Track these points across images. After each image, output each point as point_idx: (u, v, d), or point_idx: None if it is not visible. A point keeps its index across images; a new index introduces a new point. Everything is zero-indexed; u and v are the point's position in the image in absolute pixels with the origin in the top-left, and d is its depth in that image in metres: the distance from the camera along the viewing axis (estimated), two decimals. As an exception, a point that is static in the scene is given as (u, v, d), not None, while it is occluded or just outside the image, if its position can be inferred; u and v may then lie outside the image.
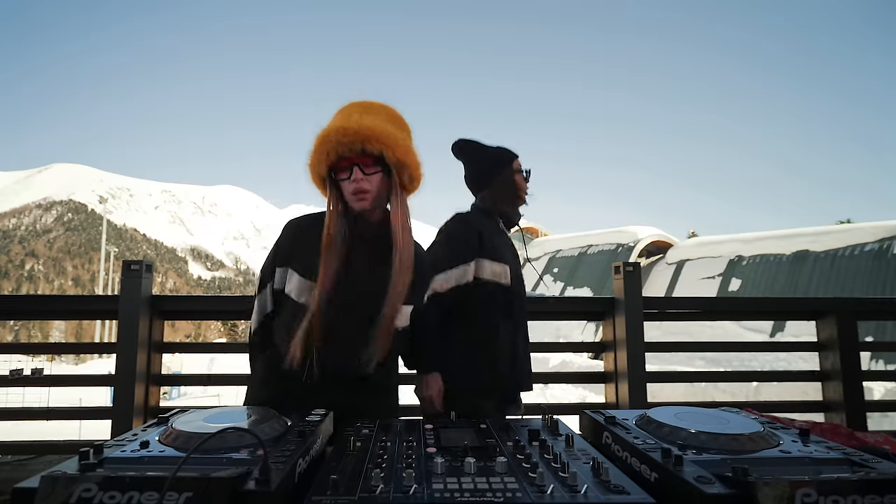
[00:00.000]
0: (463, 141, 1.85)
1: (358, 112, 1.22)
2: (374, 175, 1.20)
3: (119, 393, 2.02)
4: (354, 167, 1.18)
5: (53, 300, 2.47)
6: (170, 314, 2.24)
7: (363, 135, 1.16)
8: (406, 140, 1.25)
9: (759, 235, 19.26)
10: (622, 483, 0.65)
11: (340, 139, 1.16)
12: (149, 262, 2.14)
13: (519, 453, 0.76)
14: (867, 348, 2.52)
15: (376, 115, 1.23)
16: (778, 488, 0.56)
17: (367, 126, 1.17)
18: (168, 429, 0.80)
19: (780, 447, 0.76)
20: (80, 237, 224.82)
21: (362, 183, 1.18)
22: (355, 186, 1.19)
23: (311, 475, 0.70)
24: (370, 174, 1.19)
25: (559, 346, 2.29)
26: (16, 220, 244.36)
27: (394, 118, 1.27)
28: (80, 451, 0.67)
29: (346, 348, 1.21)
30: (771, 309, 2.85)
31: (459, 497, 0.60)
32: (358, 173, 1.18)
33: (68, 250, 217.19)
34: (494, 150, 1.83)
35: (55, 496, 0.56)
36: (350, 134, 1.16)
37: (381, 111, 1.26)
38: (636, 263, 2.27)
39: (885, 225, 16.10)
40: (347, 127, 1.16)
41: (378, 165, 1.20)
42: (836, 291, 15.40)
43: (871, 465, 0.68)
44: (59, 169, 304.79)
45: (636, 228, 21.93)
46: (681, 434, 0.79)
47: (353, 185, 1.19)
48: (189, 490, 0.55)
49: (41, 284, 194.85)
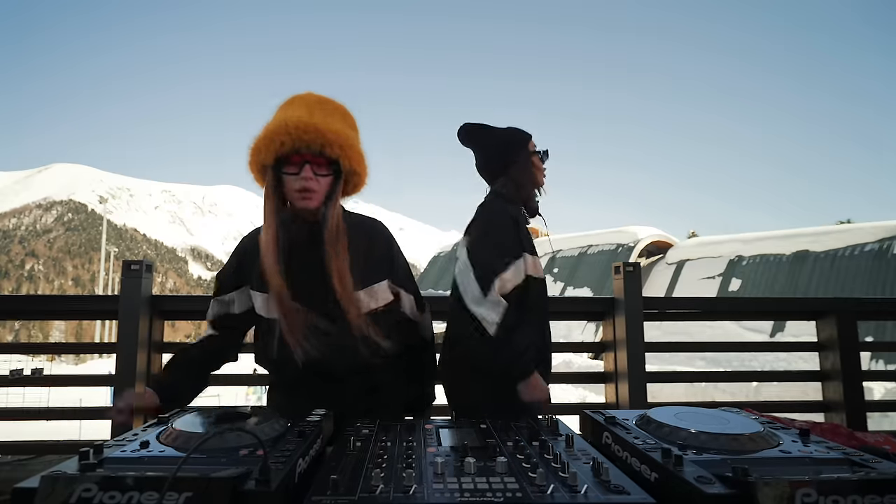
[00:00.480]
0: (470, 125, 1.72)
1: (320, 109, 1.18)
2: (324, 178, 1.17)
3: (119, 393, 2.02)
4: (306, 164, 1.14)
5: (53, 300, 2.47)
6: (170, 314, 2.24)
7: (325, 136, 1.13)
8: (360, 146, 1.22)
9: (759, 235, 19.26)
10: (622, 483, 0.65)
11: (301, 134, 1.12)
12: (149, 262, 2.14)
13: (519, 453, 0.76)
14: (867, 348, 2.52)
15: (335, 116, 1.20)
16: (778, 488, 0.56)
17: (331, 128, 1.14)
18: (168, 429, 0.80)
19: (780, 447, 0.76)
20: (80, 237, 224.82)
21: (311, 183, 1.15)
22: (303, 185, 1.15)
23: (311, 475, 0.70)
24: (320, 175, 1.16)
25: (559, 346, 2.29)
26: (16, 220, 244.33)
27: (350, 121, 1.25)
28: (80, 451, 0.67)
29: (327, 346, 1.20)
30: (771, 309, 2.85)
31: (459, 497, 0.60)
32: (309, 172, 1.14)
33: (68, 250, 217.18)
34: (506, 132, 1.69)
35: (55, 496, 0.56)
36: (312, 131, 1.12)
37: (339, 111, 1.23)
38: (636, 263, 2.27)
39: (885, 225, 16.10)
40: (310, 123, 1.12)
41: (330, 168, 1.18)
42: (836, 291, 15.40)
43: (871, 465, 0.68)
44: (59, 169, 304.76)
45: (636, 228, 21.93)
46: (681, 434, 0.79)
47: (300, 183, 1.15)
48: (189, 490, 0.55)
49: (41, 284, 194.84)
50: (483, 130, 1.71)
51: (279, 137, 1.12)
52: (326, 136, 1.13)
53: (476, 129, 1.72)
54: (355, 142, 1.20)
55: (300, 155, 1.14)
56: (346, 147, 1.16)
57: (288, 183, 1.17)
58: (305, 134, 1.12)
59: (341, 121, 1.20)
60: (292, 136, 1.12)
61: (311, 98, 1.22)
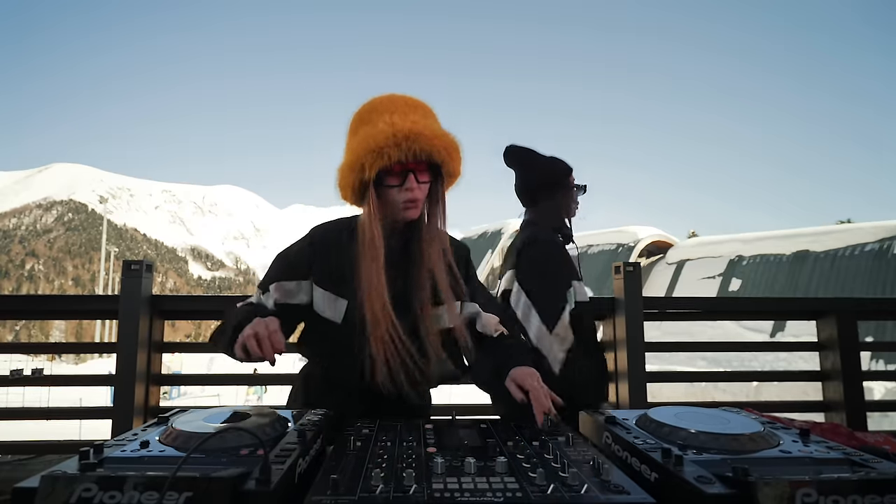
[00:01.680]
0: (516, 147, 1.79)
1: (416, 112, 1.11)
2: (425, 184, 1.11)
3: (119, 393, 2.02)
4: (409, 174, 1.08)
5: (53, 300, 2.47)
6: (170, 314, 2.24)
7: (432, 142, 1.06)
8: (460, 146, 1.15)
9: (759, 235, 19.26)
10: (622, 483, 0.65)
11: (411, 144, 1.04)
12: (149, 262, 2.14)
13: (519, 453, 0.76)
14: (867, 348, 2.52)
15: (430, 117, 1.12)
16: (778, 488, 0.56)
17: (437, 133, 1.08)
18: (168, 429, 0.80)
19: (780, 447, 0.76)
20: (81, 237, 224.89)
21: (417, 192, 1.09)
22: (409, 196, 1.08)
23: (311, 475, 0.70)
24: (423, 182, 1.10)
25: (559, 346, 2.28)
26: (16, 219, 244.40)
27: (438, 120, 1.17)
28: (80, 451, 0.67)
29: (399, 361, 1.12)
30: (771, 309, 2.85)
31: (459, 497, 0.60)
32: (412, 181, 1.08)
33: (68, 250, 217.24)
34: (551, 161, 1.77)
35: (55, 496, 0.56)
36: (421, 139, 1.05)
37: (430, 111, 1.15)
38: (636, 263, 2.27)
39: (885, 225, 16.10)
40: (416, 130, 1.05)
41: (430, 173, 1.12)
42: (836, 291, 15.40)
43: (872, 465, 0.68)
44: (59, 169, 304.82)
45: (636, 228, 21.93)
46: (681, 434, 0.79)
47: (406, 194, 1.08)
48: (189, 490, 0.55)
49: (41, 284, 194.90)
50: (529, 155, 1.78)
51: (387, 151, 1.04)
52: (433, 143, 1.06)
53: (522, 152, 1.79)
54: (456, 141, 1.13)
55: (402, 164, 1.07)
56: (452, 150, 1.11)
57: (389, 195, 1.10)
58: (414, 143, 1.05)
59: (436, 121, 1.14)
60: (401, 148, 1.04)
61: (400, 100, 1.13)
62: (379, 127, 1.06)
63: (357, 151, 1.07)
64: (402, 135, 1.04)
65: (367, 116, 1.11)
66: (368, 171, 1.06)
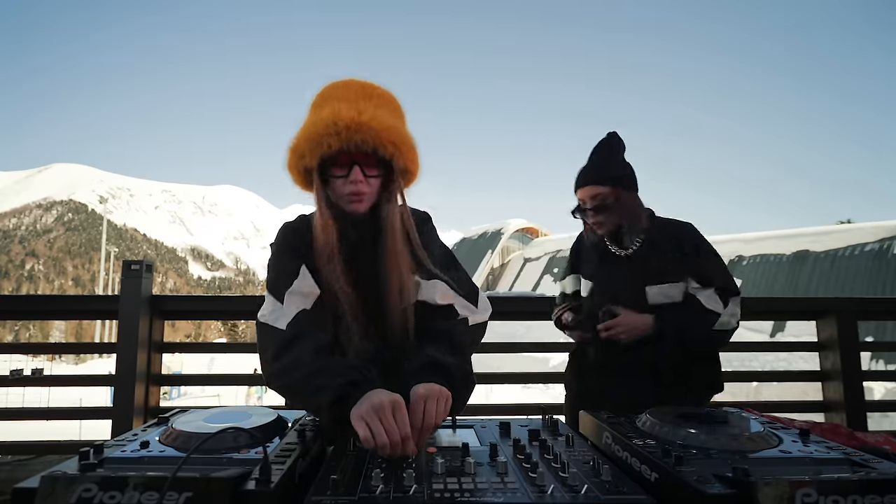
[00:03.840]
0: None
1: (367, 101, 1.04)
2: (374, 178, 1.06)
3: (119, 393, 2.02)
4: (355, 166, 1.03)
5: (53, 300, 2.47)
6: (170, 314, 2.24)
7: (379, 135, 1.01)
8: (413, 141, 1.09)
9: (759, 235, 19.27)
10: (622, 483, 0.65)
11: (352, 135, 0.99)
12: (149, 262, 2.14)
13: (519, 453, 0.76)
14: (867, 348, 2.52)
15: (385, 108, 1.06)
16: (778, 488, 0.56)
17: (384, 125, 1.02)
18: (168, 429, 0.80)
19: (780, 447, 0.76)
20: (81, 237, 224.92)
21: (361, 185, 1.04)
22: (353, 188, 1.04)
23: (311, 475, 0.70)
24: (370, 176, 1.05)
25: (559, 346, 2.29)
26: (16, 220, 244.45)
27: (399, 111, 1.11)
28: (80, 451, 0.67)
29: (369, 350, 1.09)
30: (771, 309, 2.85)
31: (459, 497, 0.60)
32: (358, 174, 1.03)
33: (68, 250, 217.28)
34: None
35: (55, 496, 0.56)
36: (363, 130, 0.99)
37: (387, 101, 1.09)
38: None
39: (885, 225, 16.11)
40: (361, 122, 0.99)
41: (380, 168, 1.06)
42: (836, 291, 15.40)
43: (872, 465, 0.68)
44: (59, 169, 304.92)
45: (636, 228, 21.88)
46: (681, 434, 0.79)
47: (350, 186, 1.04)
48: (189, 490, 0.55)
49: (41, 284, 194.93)
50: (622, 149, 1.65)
51: (326, 139, 1.00)
52: (380, 136, 1.01)
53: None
54: (408, 137, 1.07)
55: (349, 155, 1.02)
56: (401, 144, 1.04)
57: (335, 186, 1.06)
58: (356, 134, 0.99)
59: (392, 113, 1.07)
60: (341, 137, 0.99)
61: (355, 87, 1.07)
62: (323, 114, 1.02)
63: (300, 136, 1.04)
64: (342, 124, 0.99)
65: (319, 101, 1.08)
66: (308, 157, 1.03)
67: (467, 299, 1.12)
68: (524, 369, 2.47)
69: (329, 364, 0.92)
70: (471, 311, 1.12)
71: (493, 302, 1.24)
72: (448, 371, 0.92)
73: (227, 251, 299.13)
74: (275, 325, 1.01)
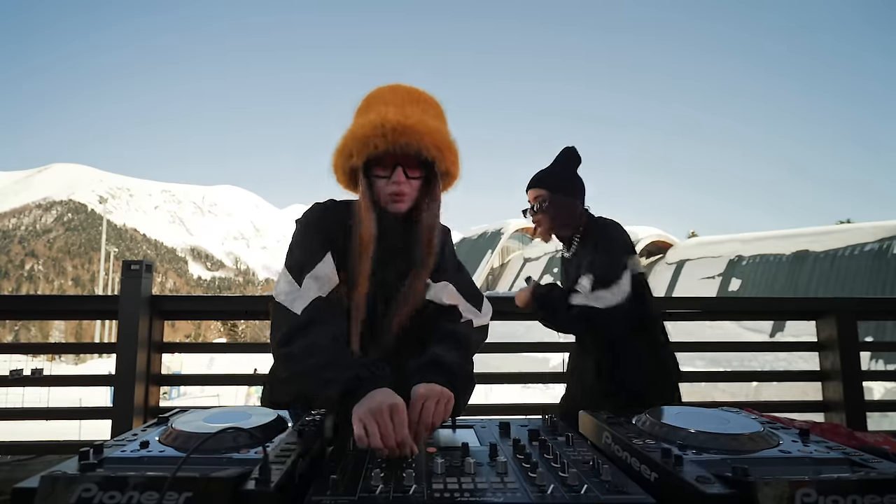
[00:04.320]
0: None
1: (414, 106, 1.09)
2: (415, 180, 1.09)
3: (119, 393, 2.02)
4: (398, 167, 1.06)
5: (53, 300, 2.47)
6: (170, 314, 2.24)
7: (423, 138, 1.04)
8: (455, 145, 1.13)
9: (759, 235, 19.27)
10: (622, 483, 0.65)
11: (398, 137, 1.03)
12: (149, 262, 2.14)
13: (519, 453, 0.76)
14: (867, 348, 2.52)
15: (430, 113, 1.10)
16: (778, 488, 0.56)
17: (429, 128, 1.06)
18: (168, 429, 0.80)
19: (780, 447, 0.76)
20: (80, 237, 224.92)
21: (403, 186, 1.07)
22: (396, 189, 1.07)
23: (311, 475, 0.70)
24: (412, 178, 1.08)
25: (559, 346, 2.29)
26: (16, 220, 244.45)
27: (443, 117, 1.15)
28: (80, 451, 0.67)
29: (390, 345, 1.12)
30: (771, 309, 2.85)
31: (459, 497, 0.60)
32: (401, 175, 1.07)
33: (68, 250, 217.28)
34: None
35: (55, 496, 0.56)
36: (409, 133, 1.03)
37: (432, 106, 1.13)
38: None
39: (885, 225, 16.12)
40: (407, 125, 1.03)
41: (422, 170, 1.10)
42: (836, 291, 15.40)
43: (871, 465, 0.68)
44: (59, 169, 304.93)
45: (636, 228, 21.94)
46: (681, 434, 0.79)
47: (392, 187, 1.07)
48: (189, 490, 0.55)
49: (41, 284, 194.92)
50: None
51: (373, 140, 1.04)
52: (424, 139, 1.05)
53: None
54: (451, 141, 1.11)
55: (393, 156, 1.06)
56: (444, 149, 1.08)
57: (378, 185, 1.09)
58: (402, 136, 1.03)
59: (436, 118, 1.12)
60: (388, 139, 1.03)
61: (402, 91, 1.12)
62: (370, 117, 1.06)
63: (348, 138, 1.08)
64: (389, 126, 1.03)
65: (366, 105, 1.12)
66: (355, 157, 1.07)
67: (472, 302, 1.18)
68: (524, 369, 2.48)
69: (341, 356, 0.92)
70: (475, 314, 1.16)
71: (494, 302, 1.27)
72: (450, 370, 0.94)
73: (226, 251, 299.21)
74: (291, 308, 1.01)
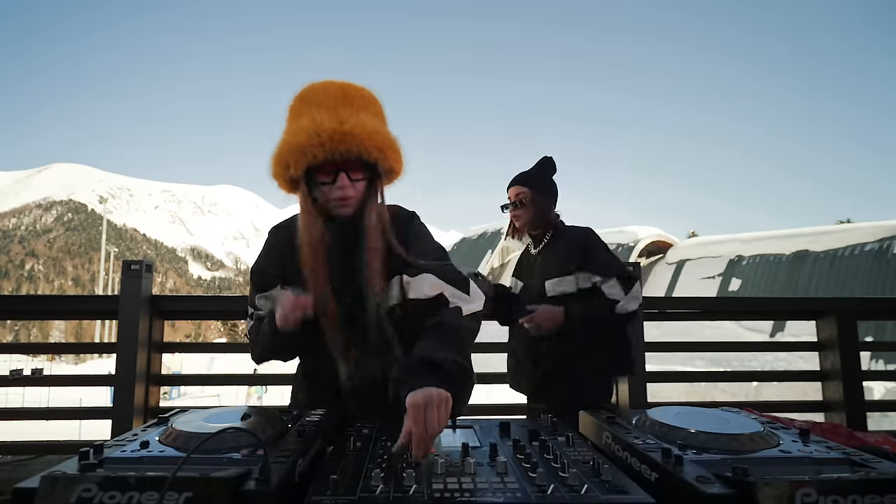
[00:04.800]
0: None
1: (347, 106, 1.05)
2: (359, 182, 1.08)
3: (119, 393, 2.02)
4: (341, 173, 1.05)
5: (53, 300, 2.47)
6: (170, 314, 2.24)
7: (363, 142, 1.02)
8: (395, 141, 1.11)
9: (759, 235, 19.27)
10: (622, 483, 0.65)
11: (336, 145, 1.00)
12: (149, 262, 2.14)
13: (519, 453, 0.76)
14: (867, 348, 2.52)
15: (366, 111, 1.07)
16: (778, 488, 0.56)
17: (367, 130, 1.03)
18: (168, 429, 0.80)
19: (780, 447, 0.76)
20: (80, 237, 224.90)
21: (348, 190, 1.06)
22: (340, 193, 1.05)
23: (311, 475, 0.70)
24: (356, 180, 1.07)
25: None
26: (16, 220, 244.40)
27: (379, 111, 1.12)
28: (80, 451, 0.67)
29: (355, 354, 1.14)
30: (771, 309, 2.85)
31: (459, 497, 0.60)
32: (344, 180, 1.05)
33: (68, 250, 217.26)
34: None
35: (55, 496, 0.56)
36: (348, 139, 1.01)
37: (367, 102, 1.10)
38: (636, 263, 2.27)
39: (885, 225, 16.12)
40: (343, 130, 1.01)
41: (365, 171, 1.08)
42: (836, 291, 15.40)
43: (871, 465, 0.68)
44: (59, 169, 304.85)
45: (636, 228, 21.94)
46: (681, 434, 0.79)
47: (337, 192, 1.05)
48: (189, 490, 0.55)
49: (41, 284, 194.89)
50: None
51: (311, 150, 1.01)
52: (364, 143, 1.02)
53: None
54: (391, 138, 1.09)
55: (333, 163, 1.04)
56: (386, 148, 1.06)
57: (323, 193, 1.08)
58: (341, 144, 1.01)
59: (373, 116, 1.09)
60: (325, 148, 1.00)
61: (334, 91, 1.07)
62: (304, 123, 1.02)
63: (283, 147, 1.05)
64: (325, 135, 1.00)
65: (298, 107, 1.08)
66: (293, 168, 1.04)
67: (457, 287, 1.09)
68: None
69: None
70: (462, 299, 1.09)
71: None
72: (443, 368, 0.89)
73: (226, 251, 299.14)
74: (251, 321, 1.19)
